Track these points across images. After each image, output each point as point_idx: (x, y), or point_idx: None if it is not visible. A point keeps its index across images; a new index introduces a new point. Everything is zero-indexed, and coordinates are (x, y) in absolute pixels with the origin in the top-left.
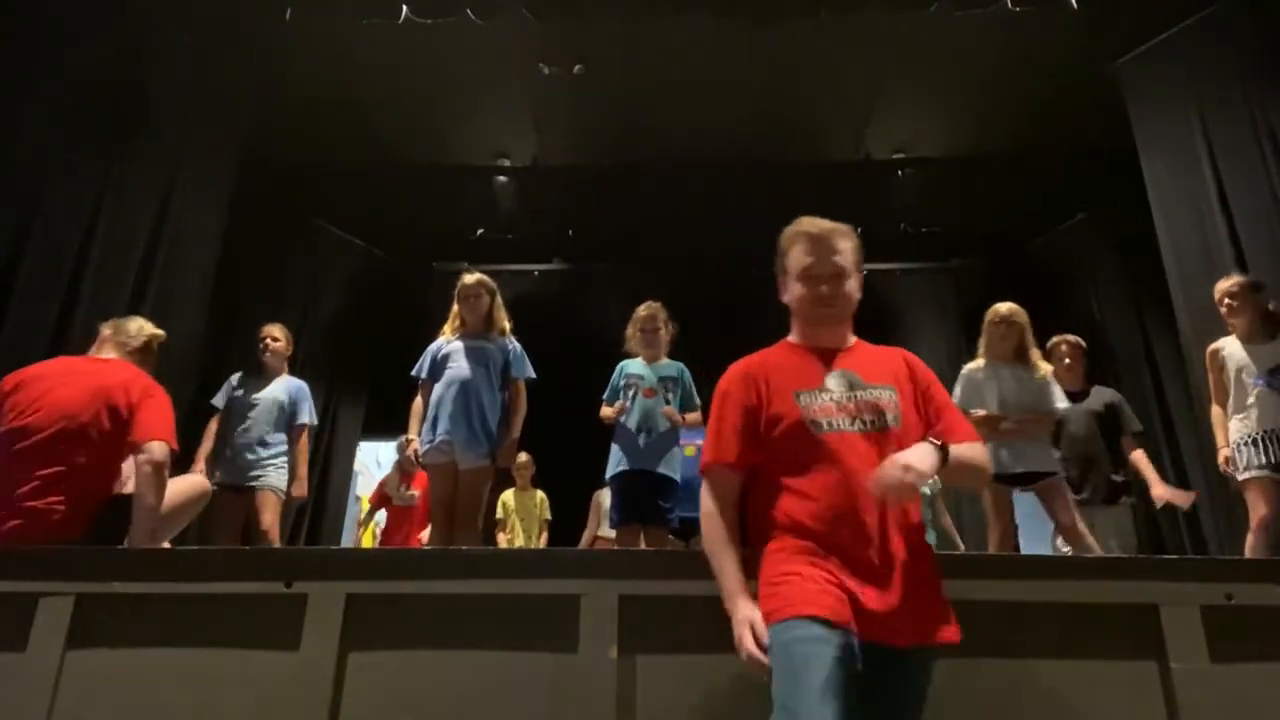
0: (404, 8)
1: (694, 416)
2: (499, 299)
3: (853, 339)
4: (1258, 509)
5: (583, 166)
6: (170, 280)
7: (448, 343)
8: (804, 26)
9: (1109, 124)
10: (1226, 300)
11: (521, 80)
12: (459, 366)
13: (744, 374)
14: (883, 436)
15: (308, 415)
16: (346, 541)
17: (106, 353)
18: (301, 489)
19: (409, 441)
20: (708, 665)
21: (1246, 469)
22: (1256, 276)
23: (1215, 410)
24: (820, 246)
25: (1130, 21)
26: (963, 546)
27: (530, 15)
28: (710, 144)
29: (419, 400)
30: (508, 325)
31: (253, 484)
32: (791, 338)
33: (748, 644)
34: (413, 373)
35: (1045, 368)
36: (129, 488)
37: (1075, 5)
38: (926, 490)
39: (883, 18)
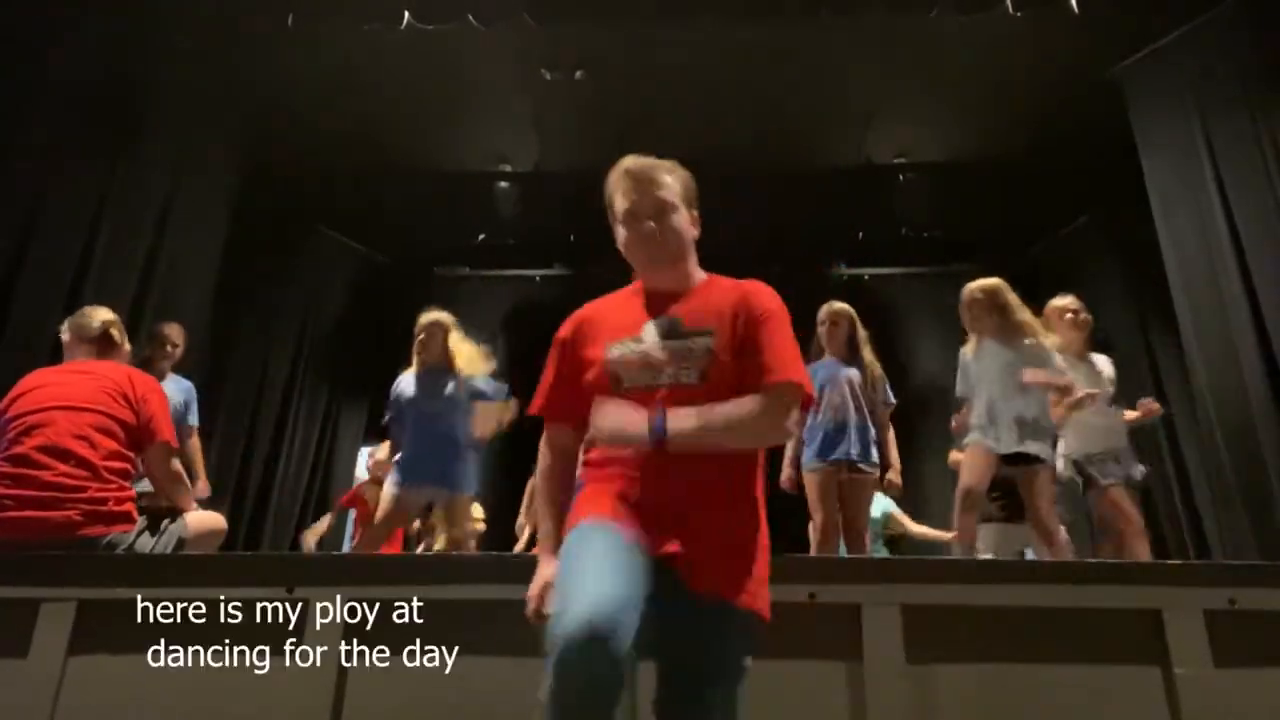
0: (406, 13)
1: None
2: (454, 334)
3: (701, 277)
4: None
5: (584, 172)
6: (171, 285)
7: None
8: (805, 32)
9: (1110, 128)
10: (1069, 314)
11: (523, 86)
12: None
13: (574, 320)
14: (690, 393)
15: (195, 416)
16: (348, 548)
17: (83, 357)
18: (204, 489)
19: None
20: None
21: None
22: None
23: None
24: (640, 183)
25: (1131, 26)
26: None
27: (532, 21)
28: (711, 149)
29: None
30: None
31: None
32: (638, 281)
33: (533, 602)
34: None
35: (1040, 333)
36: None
37: (1076, 10)
38: (876, 514)
39: (883, 23)
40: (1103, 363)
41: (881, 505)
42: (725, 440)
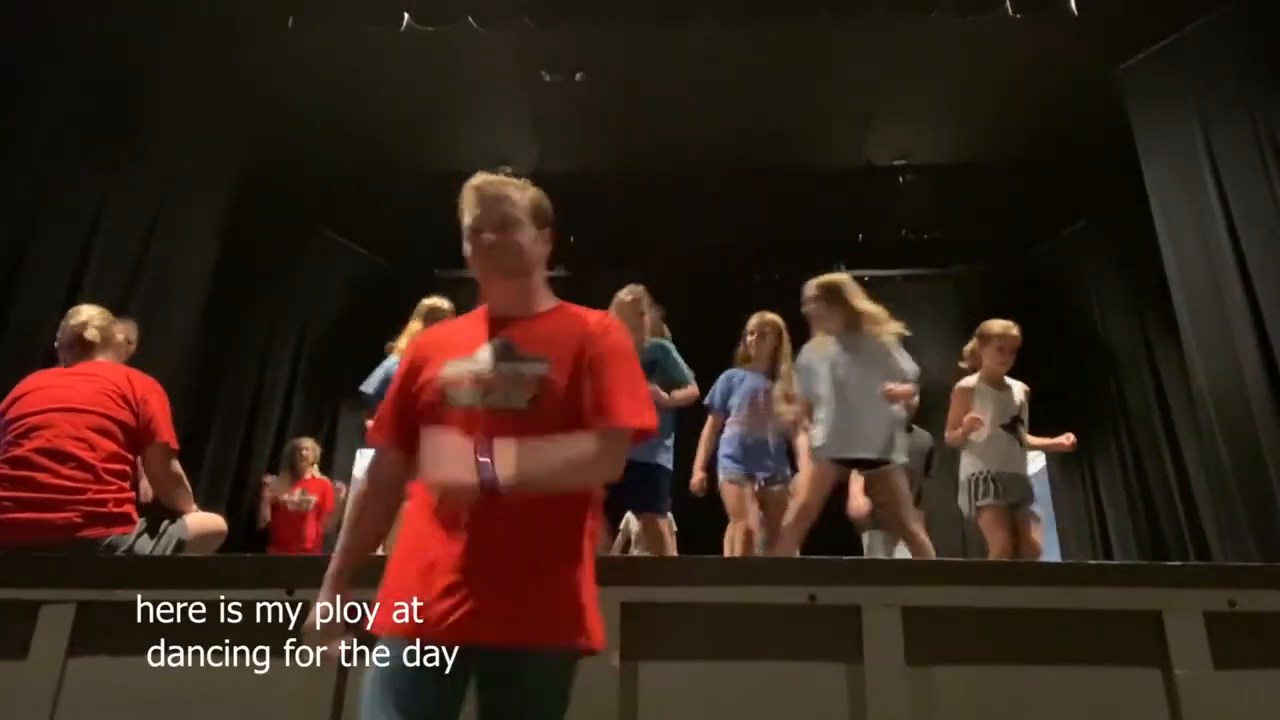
0: (405, 15)
1: (682, 393)
2: None
3: (549, 304)
4: (995, 536)
5: (584, 174)
6: (171, 285)
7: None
8: (804, 34)
9: (1110, 130)
10: (1000, 347)
11: (523, 87)
12: None
13: (418, 342)
14: (516, 416)
15: None
16: None
17: (71, 360)
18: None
19: None
20: (710, 672)
21: (983, 498)
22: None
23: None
24: (485, 198)
25: (1131, 28)
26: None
27: (531, 22)
28: (711, 151)
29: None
30: None
31: None
32: (483, 306)
33: (307, 637)
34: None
35: (883, 322)
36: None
37: (1076, 12)
38: None
39: (883, 23)
40: (1017, 390)
41: None
42: (558, 484)
